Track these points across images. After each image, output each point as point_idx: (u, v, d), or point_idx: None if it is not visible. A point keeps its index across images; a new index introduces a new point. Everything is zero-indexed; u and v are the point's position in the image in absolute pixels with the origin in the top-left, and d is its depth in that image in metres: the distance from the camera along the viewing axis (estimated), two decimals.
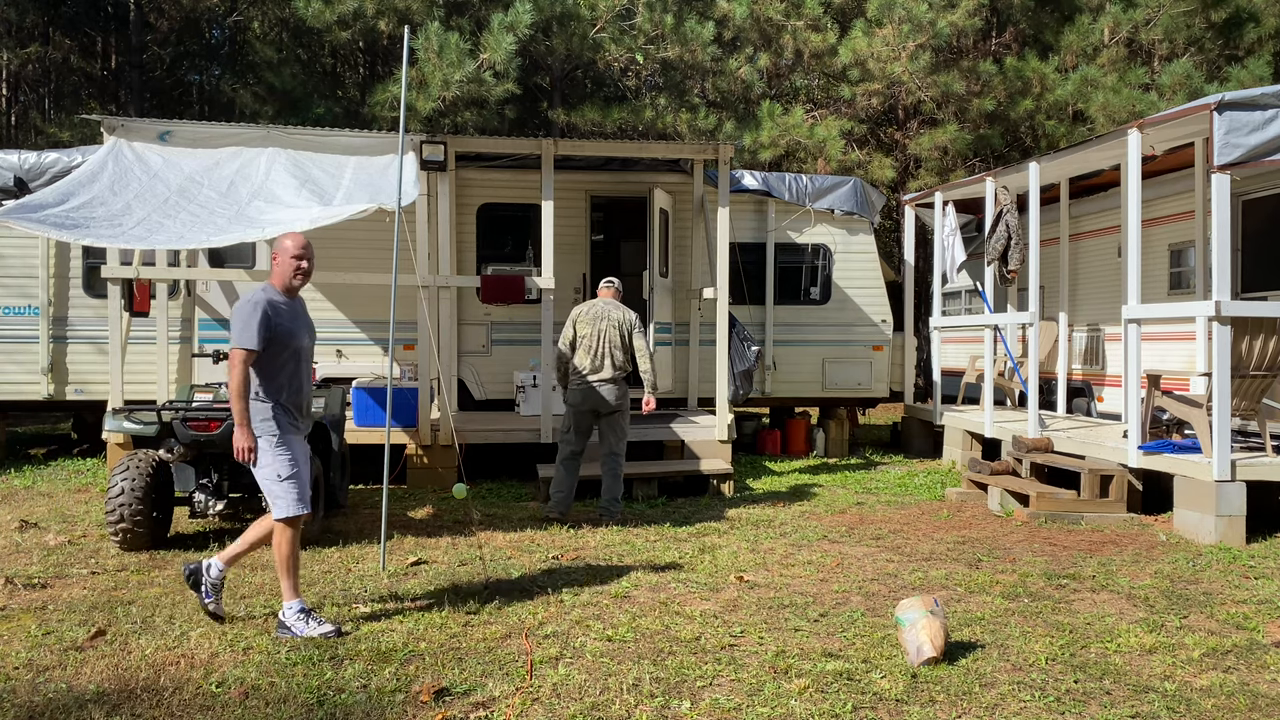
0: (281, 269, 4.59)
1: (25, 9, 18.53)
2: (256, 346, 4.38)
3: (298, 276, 4.60)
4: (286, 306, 4.55)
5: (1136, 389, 7.39)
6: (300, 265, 4.59)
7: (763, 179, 11.12)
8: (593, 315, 7.23)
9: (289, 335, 4.49)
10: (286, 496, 4.44)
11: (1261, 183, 8.76)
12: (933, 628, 4.14)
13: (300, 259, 4.59)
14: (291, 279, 4.60)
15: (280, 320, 4.47)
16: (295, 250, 4.59)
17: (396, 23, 15.21)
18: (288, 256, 4.58)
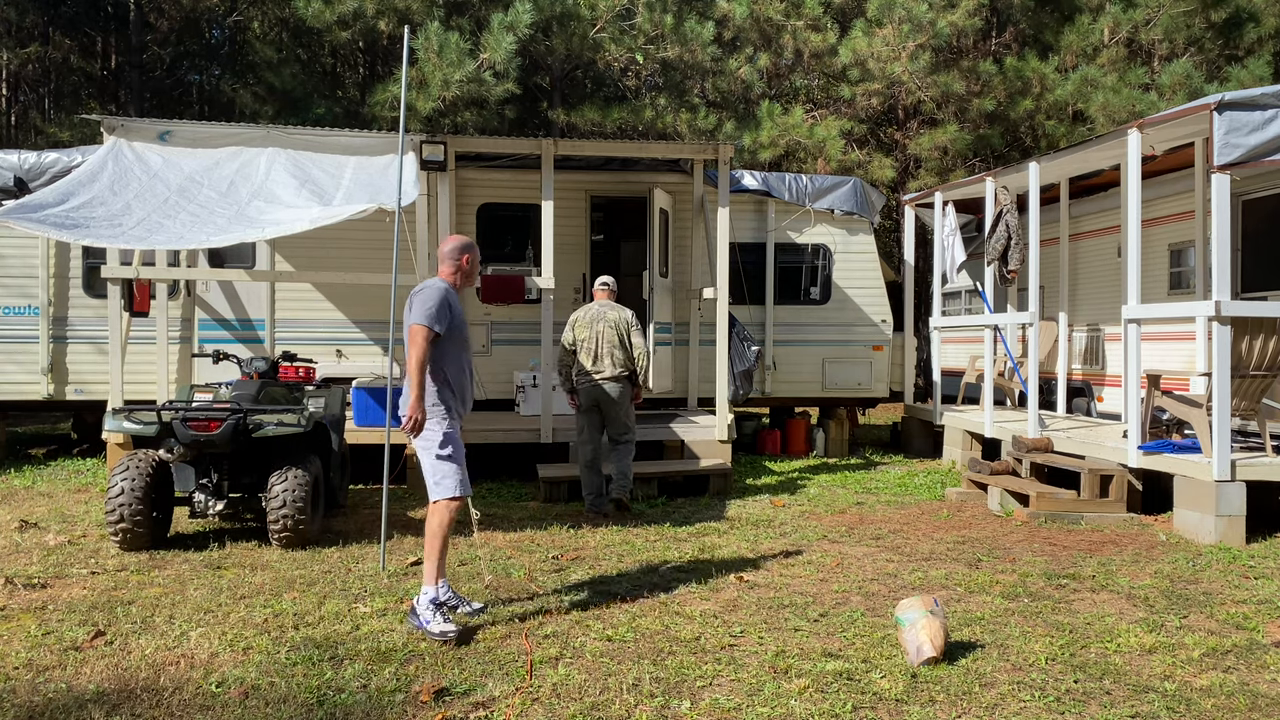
0: (449, 266, 4.83)
1: (25, 9, 18.54)
2: (439, 329, 4.58)
3: (462, 274, 4.85)
4: (456, 298, 4.79)
5: (1136, 389, 7.39)
6: (463, 263, 4.85)
7: (763, 179, 11.12)
8: (590, 318, 7.41)
9: (462, 324, 4.75)
10: (450, 478, 4.58)
11: (1261, 183, 8.76)
12: (933, 628, 4.14)
13: (462, 257, 4.85)
14: (456, 276, 4.84)
15: (455, 309, 4.71)
16: (462, 249, 4.85)
17: (396, 23, 15.21)
18: (455, 256, 4.84)
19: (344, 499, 7.53)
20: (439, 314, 4.61)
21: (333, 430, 7.07)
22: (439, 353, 4.66)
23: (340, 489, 7.41)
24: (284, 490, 6.03)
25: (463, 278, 4.88)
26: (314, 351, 9.69)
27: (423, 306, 4.59)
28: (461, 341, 4.79)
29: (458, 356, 4.76)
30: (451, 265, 4.85)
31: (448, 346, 4.69)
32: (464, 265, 4.87)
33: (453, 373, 4.72)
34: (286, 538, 6.06)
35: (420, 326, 4.54)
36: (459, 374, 4.76)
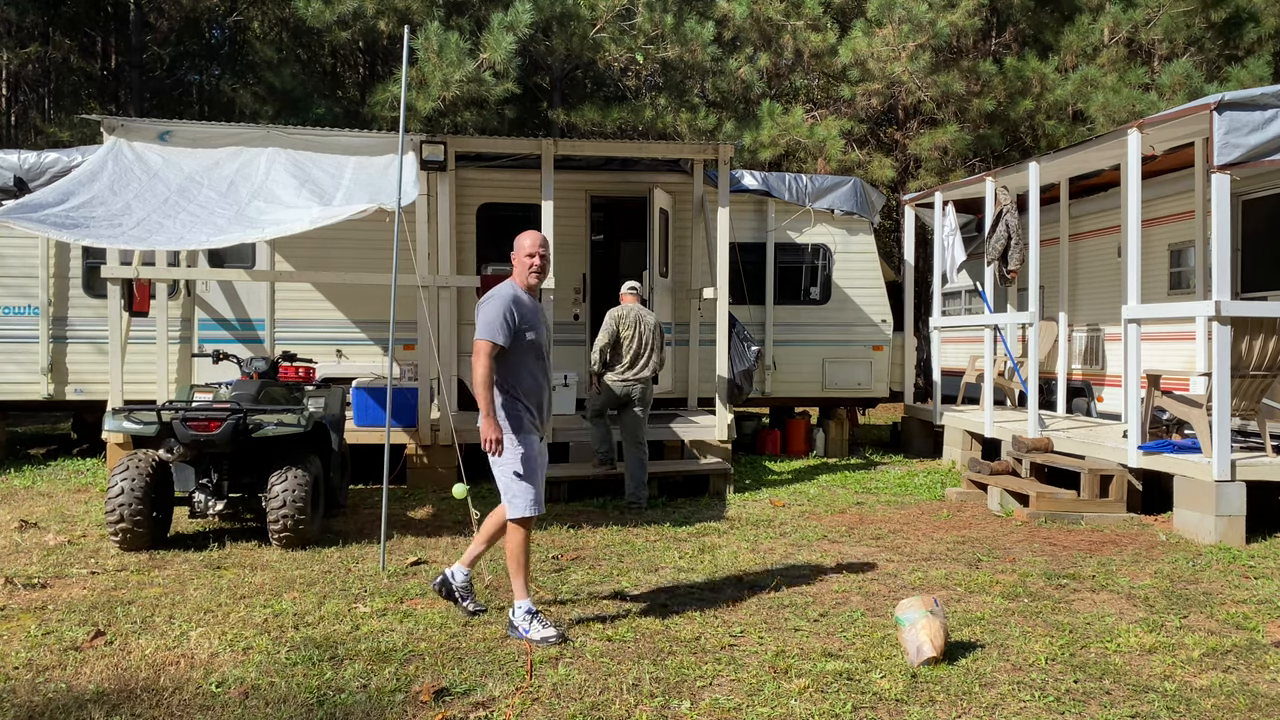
0: (519, 267, 4.59)
1: (25, 9, 18.53)
2: (502, 341, 4.41)
3: (534, 274, 4.57)
4: (529, 303, 4.57)
5: (1136, 389, 7.39)
6: (534, 262, 4.56)
7: (763, 179, 11.12)
8: (633, 319, 7.83)
9: (531, 332, 4.51)
10: (522, 496, 4.44)
11: (1261, 183, 8.76)
12: (933, 628, 4.14)
13: (533, 256, 4.56)
14: (529, 276, 4.58)
15: (523, 316, 4.49)
16: (530, 248, 4.57)
17: (396, 23, 15.21)
18: (523, 254, 4.58)
19: (344, 499, 7.53)
20: (500, 325, 4.41)
21: (333, 430, 7.07)
22: (507, 365, 4.47)
23: (340, 489, 7.41)
24: (284, 490, 6.03)
25: (534, 277, 4.59)
26: (314, 351, 9.69)
27: (483, 319, 4.43)
28: (532, 350, 4.54)
29: (530, 367, 4.53)
30: (517, 266, 4.61)
31: (516, 357, 4.48)
32: (533, 265, 4.57)
33: (525, 385, 4.52)
34: (286, 538, 6.06)
35: (481, 341, 4.38)
36: (532, 386, 4.54)
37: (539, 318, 4.60)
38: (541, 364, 4.60)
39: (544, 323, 4.66)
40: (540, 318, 4.62)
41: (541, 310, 4.69)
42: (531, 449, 4.49)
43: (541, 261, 4.58)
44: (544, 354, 4.63)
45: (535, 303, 4.62)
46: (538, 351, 4.56)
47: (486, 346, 4.37)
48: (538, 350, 4.56)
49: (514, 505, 4.45)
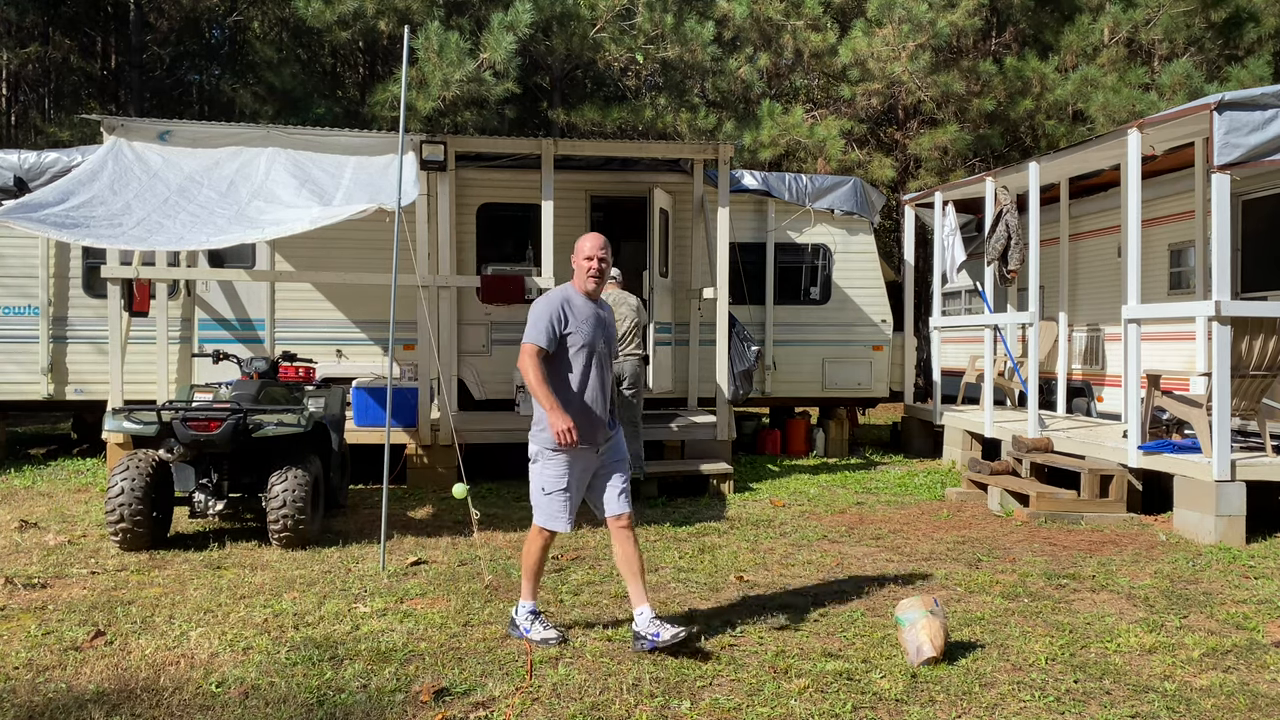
0: (577, 271, 4.41)
1: (25, 9, 18.53)
2: (544, 344, 4.25)
3: (591, 279, 4.38)
4: (584, 308, 4.37)
5: (1136, 389, 7.39)
6: (592, 266, 4.35)
7: (763, 179, 11.12)
8: (614, 302, 7.95)
9: (580, 337, 4.30)
10: (544, 510, 4.34)
11: (1261, 183, 8.76)
12: (933, 628, 4.14)
13: (591, 259, 4.36)
14: (586, 280, 4.39)
15: (574, 320, 4.30)
16: (589, 251, 4.37)
17: (396, 23, 15.21)
18: (581, 258, 4.39)
19: (344, 499, 7.53)
20: (545, 328, 4.24)
21: (333, 430, 7.07)
22: (552, 371, 4.28)
23: (340, 489, 7.41)
24: (284, 490, 6.03)
25: (592, 282, 4.38)
26: (314, 351, 9.69)
27: (529, 320, 4.30)
28: (581, 357, 4.31)
29: (578, 375, 4.32)
30: (576, 270, 4.42)
31: (562, 364, 4.30)
32: (590, 269, 4.35)
33: (567, 395, 4.29)
34: (286, 538, 6.06)
35: (526, 345, 4.26)
36: (578, 396, 4.31)
37: (596, 324, 4.36)
38: (594, 372, 4.34)
39: (604, 329, 4.40)
40: (598, 324, 4.37)
41: (602, 317, 4.43)
42: (562, 467, 4.31)
43: (600, 265, 4.35)
44: (599, 362, 4.36)
45: (594, 308, 4.39)
46: (590, 360, 4.33)
47: (530, 349, 4.24)
48: (591, 358, 4.33)
49: (536, 514, 4.39)
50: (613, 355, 4.50)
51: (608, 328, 4.46)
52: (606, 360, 4.42)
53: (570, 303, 4.33)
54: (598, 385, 4.35)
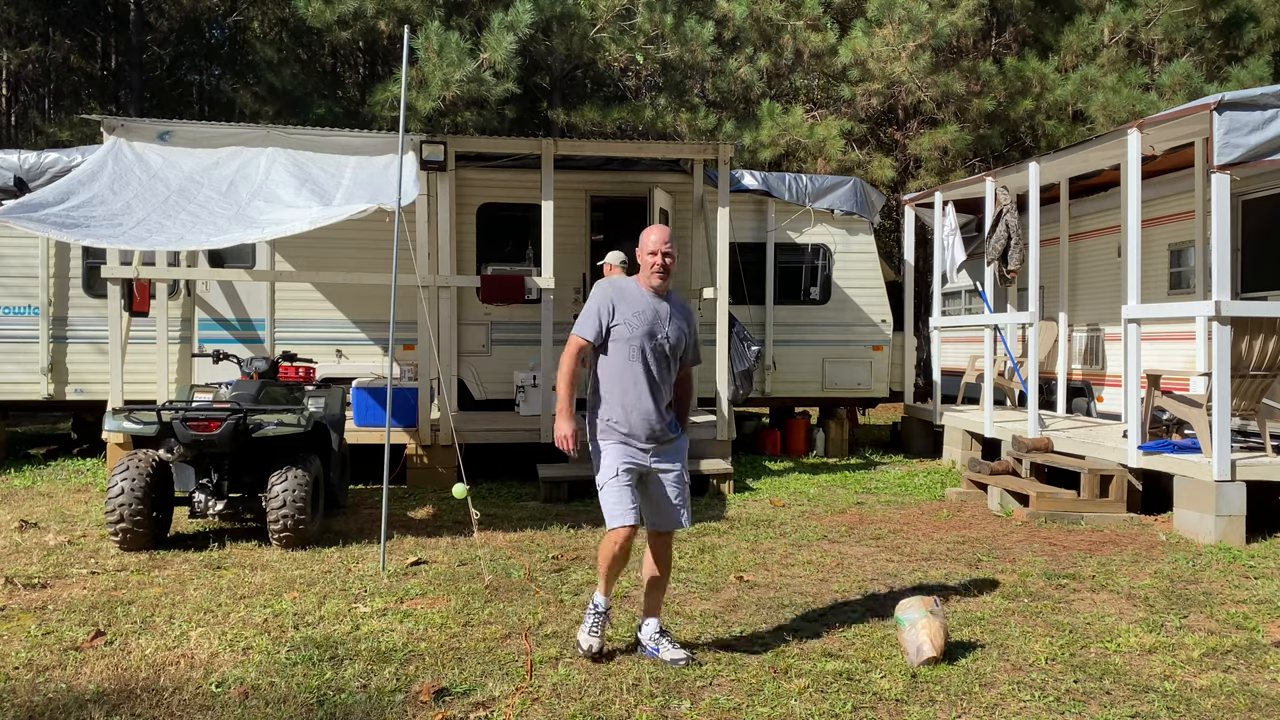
0: (641, 266, 4.19)
1: (25, 9, 18.53)
2: (589, 337, 4.09)
3: (656, 274, 4.14)
4: (640, 300, 4.13)
5: (1136, 389, 7.39)
6: (656, 262, 4.13)
7: (763, 179, 11.12)
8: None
9: (628, 330, 4.06)
10: (604, 506, 4.07)
11: (1261, 183, 8.76)
12: (933, 628, 4.14)
13: (656, 254, 4.13)
14: (651, 276, 4.16)
15: (623, 313, 4.08)
16: (653, 245, 4.14)
17: (396, 23, 15.21)
18: (645, 252, 4.16)
19: (344, 499, 7.53)
20: (592, 320, 4.09)
21: (333, 430, 7.07)
22: (604, 366, 4.12)
23: (340, 489, 7.41)
24: (284, 490, 6.03)
25: (657, 278, 4.14)
26: (314, 351, 9.69)
27: (582, 311, 4.16)
28: (633, 353, 4.07)
29: (621, 368, 4.08)
30: (640, 265, 4.20)
31: (612, 359, 4.09)
32: (655, 264, 4.12)
33: (617, 390, 4.09)
34: (286, 538, 6.06)
35: (572, 336, 4.11)
36: (626, 393, 4.08)
37: (653, 319, 4.09)
38: (642, 369, 4.07)
39: (663, 325, 4.11)
40: (655, 319, 4.10)
41: (662, 311, 4.14)
42: (608, 458, 4.08)
43: (665, 260, 4.11)
44: (653, 359, 4.09)
45: (654, 302, 4.13)
46: (640, 355, 4.07)
47: (573, 341, 4.09)
48: (640, 353, 4.07)
49: (606, 514, 4.08)
50: (683, 355, 4.21)
51: (671, 323, 4.15)
52: (664, 358, 4.12)
53: (625, 294, 4.13)
54: (646, 383, 4.08)
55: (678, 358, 4.19)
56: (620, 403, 4.08)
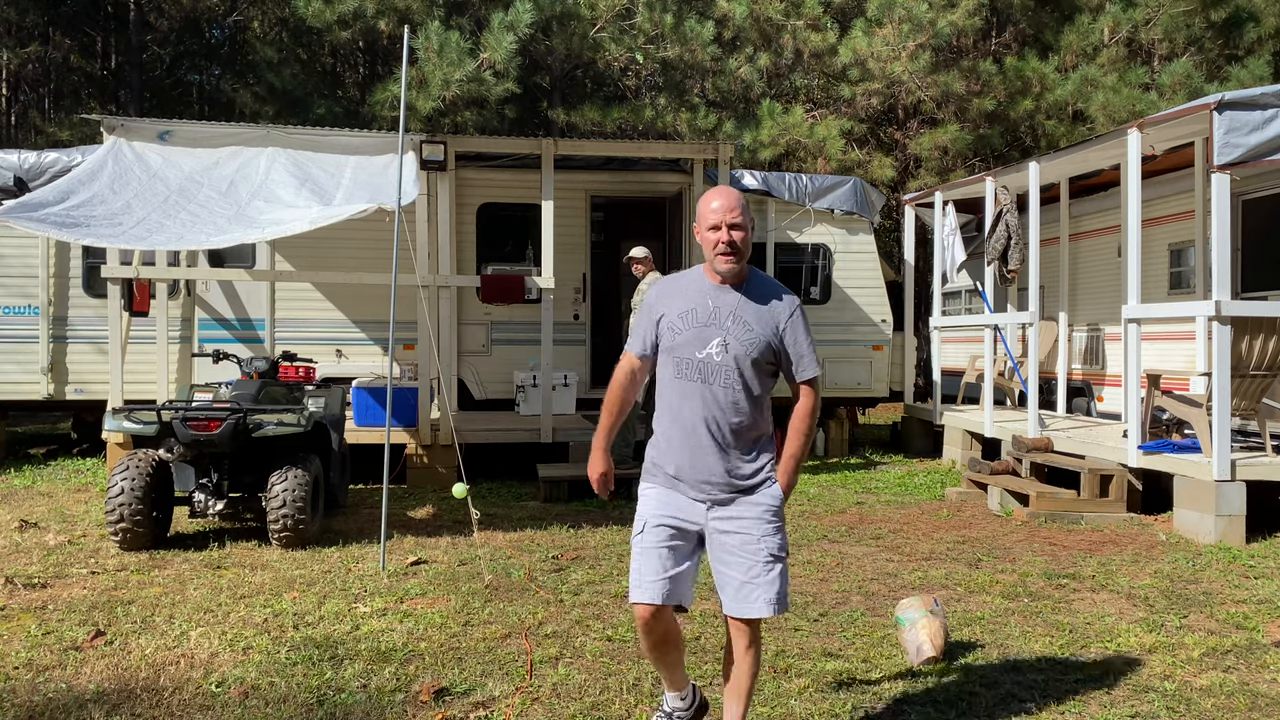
0: (703, 246, 3.10)
1: (25, 9, 18.53)
2: (634, 350, 3.14)
3: (721, 257, 3.02)
4: (698, 296, 3.07)
5: (1136, 389, 7.39)
6: (719, 239, 3.01)
7: (763, 179, 11.11)
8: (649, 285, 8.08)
9: (676, 337, 3.04)
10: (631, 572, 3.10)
11: (1261, 183, 8.75)
12: (933, 628, 4.14)
13: (718, 227, 3.01)
14: (714, 259, 3.05)
15: (672, 315, 3.06)
16: (710, 218, 3.04)
17: (396, 22, 15.21)
18: (704, 227, 3.06)
19: (344, 499, 7.53)
20: (637, 328, 3.17)
21: (333, 430, 7.06)
22: (661, 380, 3.11)
23: (340, 489, 7.41)
24: (284, 490, 6.03)
25: (723, 261, 3.03)
26: (314, 351, 9.69)
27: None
28: (673, 364, 3.05)
29: (670, 389, 3.07)
30: (702, 241, 3.09)
31: (661, 373, 3.10)
32: (718, 241, 3.01)
33: (665, 417, 3.08)
34: (286, 538, 6.06)
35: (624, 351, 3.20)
36: (673, 420, 3.05)
37: (714, 319, 3.01)
38: (700, 392, 3.00)
39: (727, 326, 3.00)
40: (717, 319, 3.02)
41: (733, 308, 3.03)
42: (650, 507, 3.07)
43: (732, 236, 2.99)
44: (713, 375, 2.99)
45: (720, 296, 3.05)
46: (696, 371, 3.01)
47: (623, 358, 3.17)
48: (695, 369, 3.01)
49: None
50: (761, 367, 3.03)
51: (736, 323, 3.01)
52: (724, 372, 2.99)
53: (677, 288, 3.13)
54: (699, 408, 2.99)
55: (754, 372, 3.01)
56: (665, 433, 3.08)
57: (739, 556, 3.03)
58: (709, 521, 3.05)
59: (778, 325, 3.05)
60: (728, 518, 3.05)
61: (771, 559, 3.02)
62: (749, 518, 3.03)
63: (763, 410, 3.08)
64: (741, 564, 3.02)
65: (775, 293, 3.12)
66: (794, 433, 3.12)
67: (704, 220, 3.07)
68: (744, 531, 3.03)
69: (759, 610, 3.04)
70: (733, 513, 3.05)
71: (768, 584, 3.03)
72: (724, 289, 3.07)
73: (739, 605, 3.05)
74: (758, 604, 3.03)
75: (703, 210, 3.08)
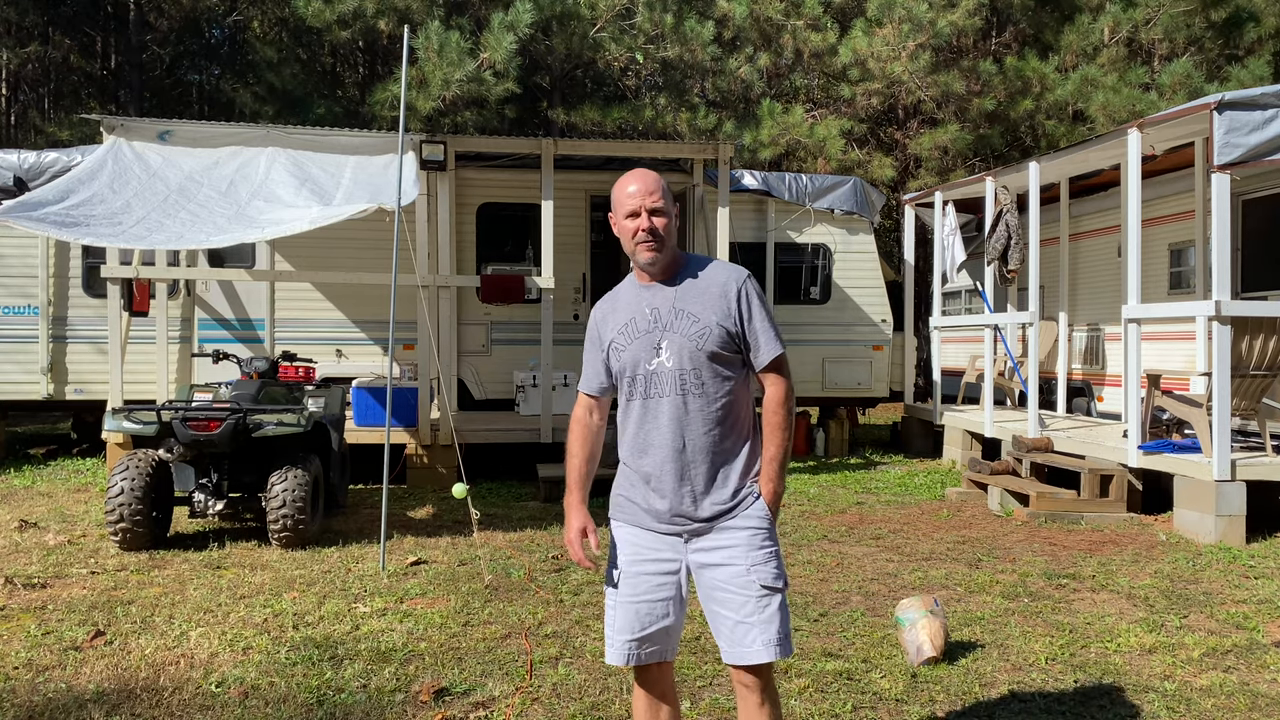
0: (621, 239, 2.65)
1: (25, 9, 18.53)
2: (589, 388, 2.74)
3: (642, 247, 2.59)
4: (636, 305, 2.65)
5: (1136, 389, 7.39)
6: (637, 227, 2.58)
7: (762, 179, 11.12)
8: None
9: (623, 355, 2.63)
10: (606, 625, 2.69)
11: (1261, 183, 8.76)
12: (933, 628, 4.14)
13: (636, 214, 2.58)
14: (634, 249, 2.62)
15: (617, 330, 2.66)
16: (626, 204, 2.60)
17: (396, 22, 15.21)
18: (620, 215, 2.63)
19: (344, 499, 7.53)
20: (588, 364, 2.76)
21: (333, 430, 7.07)
22: (619, 409, 2.72)
23: (340, 489, 7.41)
24: (284, 490, 6.03)
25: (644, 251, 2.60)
26: (314, 351, 9.69)
27: None
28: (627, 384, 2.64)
29: (630, 412, 2.65)
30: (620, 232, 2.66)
31: (620, 398, 2.71)
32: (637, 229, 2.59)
33: (626, 444, 2.67)
34: (286, 538, 6.06)
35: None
36: (633, 446, 2.65)
37: (655, 324, 2.59)
38: (647, 406, 2.60)
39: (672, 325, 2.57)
40: (657, 323, 2.59)
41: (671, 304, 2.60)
42: (620, 552, 2.66)
43: (652, 223, 2.57)
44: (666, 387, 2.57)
45: (656, 295, 2.63)
46: (648, 387, 2.60)
47: (577, 402, 2.78)
48: (646, 384, 2.60)
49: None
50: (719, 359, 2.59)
51: (681, 320, 2.58)
52: (677, 381, 2.57)
53: (614, 303, 2.72)
54: (656, 428, 2.59)
55: (715, 369, 2.59)
56: (628, 462, 2.68)
57: (728, 592, 2.55)
58: (689, 555, 2.60)
59: (729, 305, 2.59)
60: (710, 548, 2.58)
61: (765, 592, 2.54)
62: (734, 546, 2.57)
63: (737, 411, 2.63)
64: (733, 601, 2.55)
65: (717, 271, 2.65)
66: (770, 430, 2.64)
67: (620, 207, 2.61)
68: (730, 563, 2.56)
69: (756, 655, 2.52)
70: (714, 541, 2.58)
71: (764, 623, 2.53)
72: (657, 287, 2.64)
73: (735, 650, 2.55)
74: (754, 647, 2.52)
75: (618, 196, 2.62)
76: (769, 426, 2.65)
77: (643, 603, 2.58)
